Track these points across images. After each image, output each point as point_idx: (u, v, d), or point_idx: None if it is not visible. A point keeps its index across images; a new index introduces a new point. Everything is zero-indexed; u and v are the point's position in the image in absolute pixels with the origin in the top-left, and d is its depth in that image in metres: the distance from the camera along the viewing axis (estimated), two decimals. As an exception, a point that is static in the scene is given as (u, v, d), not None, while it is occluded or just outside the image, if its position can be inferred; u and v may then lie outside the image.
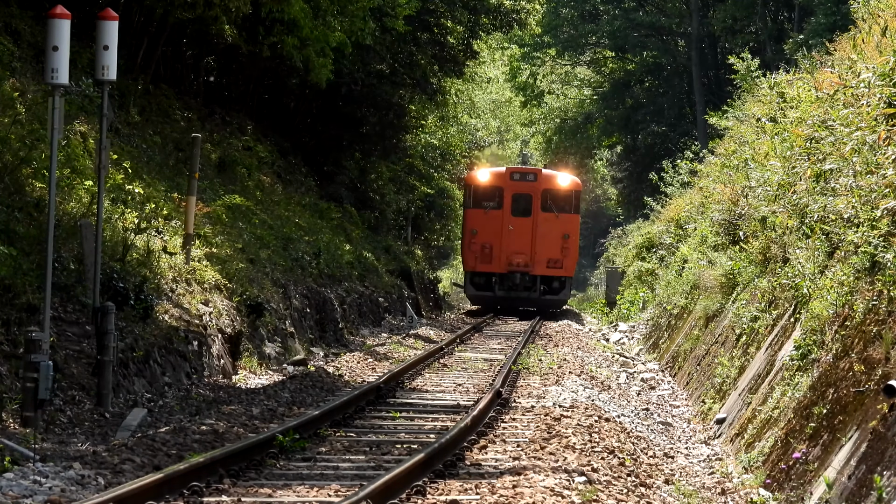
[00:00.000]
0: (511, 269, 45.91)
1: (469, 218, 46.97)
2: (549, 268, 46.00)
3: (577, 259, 46.71)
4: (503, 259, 45.89)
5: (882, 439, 11.21)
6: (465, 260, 47.22)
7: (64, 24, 15.64)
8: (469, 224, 46.83)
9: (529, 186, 46.33)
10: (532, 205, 46.15)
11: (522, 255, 45.81)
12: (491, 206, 46.19)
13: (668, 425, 20.38)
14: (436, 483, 12.49)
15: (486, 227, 45.96)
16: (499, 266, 45.94)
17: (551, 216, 45.95)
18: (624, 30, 73.28)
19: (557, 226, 45.85)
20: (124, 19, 27.30)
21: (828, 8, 53.88)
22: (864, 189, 14.33)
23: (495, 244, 45.96)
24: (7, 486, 11.30)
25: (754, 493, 14.00)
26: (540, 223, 45.87)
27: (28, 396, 15.02)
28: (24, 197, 19.63)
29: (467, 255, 46.68)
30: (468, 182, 47.54)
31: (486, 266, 46.04)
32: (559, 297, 46.82)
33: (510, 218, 46.04)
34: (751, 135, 28.38)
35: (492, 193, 46.38)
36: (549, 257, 45.85)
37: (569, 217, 46.32)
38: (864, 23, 18.73)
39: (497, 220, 45.98)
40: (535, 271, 45.94)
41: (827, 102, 17.54)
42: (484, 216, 46.12)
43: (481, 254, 46.02)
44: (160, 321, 20.59)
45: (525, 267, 45.90)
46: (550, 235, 45.77)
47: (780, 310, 19.29)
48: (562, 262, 45.98)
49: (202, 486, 11.67)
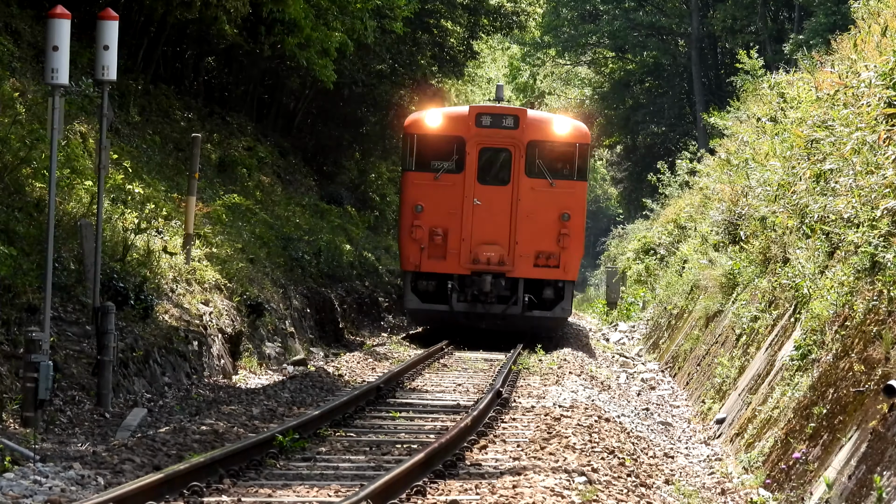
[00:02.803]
0: (477, 268, 30.02)
1: (410, 187, 30.45)
2: (537, 266, 30.17)
3: (581, 253, 30.90)
4: (464, 253, 30.04)
5: (882, 439, 11.21)
6: (403, 254, 30.54)
7: (64, 24, 15.64)
8: (410, 196, 30.40)
9: (507, 137, 30.31)
10: (511, 166, 30.33)
11: (495, 248, 30.09)
12: (445, 169, 30.23)
13: (668, 425, 20.38)
14: (436, 483, 12.49)
15: (438, 202, 30.13)
16: (457, 264, 30.06)
17: (542, 185, 30.22)
18: (624, 30, 73.24)
19: (552, 200, 30.22)
20: (124, 19, 27.29)
21: (828, 8, 53.88)
22: (864, 189, 14.33)
23: (452, 229, 30.08)
24: (7, 486, 11.30)
25: (754, 493, 14.00)
26: (524, 195, 30.22)
27: (28, 396, 15.02)
28: (24, 197, 19.63)
29: (407, 245, 30.26)
30: (409, 131, 30.75)
31: (438, 264, 30.11)
32: (554, 313, 30.55)
33: (476, 187, 30.19)
34: (751, 135, 28.38)
35: (447, 148, 30.38)
36: (539, 249, 30.12)
37: (570, 186, 30.45)
38: (864, 23, 18.74)
39: (455, 190, 30.15)
40: (515, 272, 30.10)
41: (827, 102, 17.55)
42: (433, 185, 30.22)
43: (430, 245, 30.06)
44: (160, 321, 20.59)
45: (500, 265, 30.05)
46: (541, 215, 30.17)
47: (780, 310, 19.29)
48: (558, 258, 30.16)
49: (202, 486, 11.67)
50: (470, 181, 30.27)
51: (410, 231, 30.17)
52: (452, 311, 30.25)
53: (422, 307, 30.67)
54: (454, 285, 30.12)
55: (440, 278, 30.42)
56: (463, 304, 30.21)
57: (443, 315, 30.59)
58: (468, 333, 30.75)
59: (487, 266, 30.12)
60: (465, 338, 30.45)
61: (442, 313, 30.52)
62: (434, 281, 30.39)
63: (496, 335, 30.95)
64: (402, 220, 30.89)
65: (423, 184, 30.28)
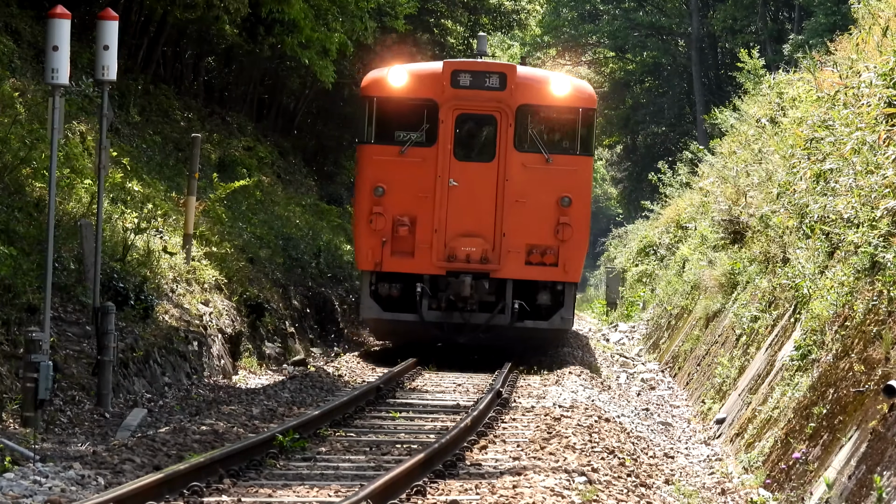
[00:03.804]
0: (454, 267, 24.65)
1: (368, 164, 25.16)
2: (530, 264, 24.83)
3: (585, 247, 25.58)
4: (438, 248, 24.68)
5: (882, 439, 11.21)
6: (359, 249, 25.15)
7: (64, 24, 15.65)
8: (368, 176, 25.03)
9: (492, 100, 24.87)
10: (497, 138, 24.91)
11: (477, 241, 24.73)
12: (413, 141, 24.91)
13: (668, 425, 20.39)
14: (436, 483, 12.49)
15: (404, 184, 24.80)
16: (429, 262, 24.70)
17: (536, 161, 24.88)
18: (624, 30, 73.27)
19: (549, 180, 24.90)
20: (124, 19, 27.34)
21: (828, 8, 53.90)
22: (865, 189, 14.33)
23: (422, 217, 24.73)
24: (7, 486, 11.30)
25: (754, 493, 14.00)
26: (513, 175, 24.83)
27: (28, 396, 15.03)
28: (24, 197, 19.64)
29: (364, 239, 24.89)
30: (367, 93, 25.32)
31: (404, 262, 24.76)
32: (551, 323, 25.12)
33: (452, 164, 24.83)
34: (751, 135, 28.39)
35: (415, 114, 25.07)
36: (532, 243, 24.82)
37: (571, 162, 25.11)
38: (864, 23, 18.75)
39: (425, 168, 24.78)
40: (502, 272, 24.74)
41: (827, 103, 17.55)
42: (398, 162, 24.85)
43: (393, 237, 24.75)
44: (160, 321, 20.60)
45: (482, 263, 24.69)
46: (534, 199, 24.82)
47: (780, 310, 19.30)
48: (556, 254, 24.86)
49: (202, 486, 11.67)
50: (444, 157, 24.74)
51: (369, 220, 24.64)
52: (423, 321, 24.61)
53: (383, 317, 24.93)
54: (424, 289, 24.59)
55: (407, 280, 24.87)
56: (436, 313, 24.67)
57: (410, 327, 24.86)
58: (443, 349, 25.46)
59: (467, 264, 24.67)
60: (439, 355, 25.20)
61: (409, 325, 24.82)
62: (399, 283, 24.90)
63: (479, 352, 25.70)
64: (357, 207, 25.26)
65: (385, 160, 24.80)
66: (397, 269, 24.75)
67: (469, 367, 24.57)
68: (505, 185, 24.78)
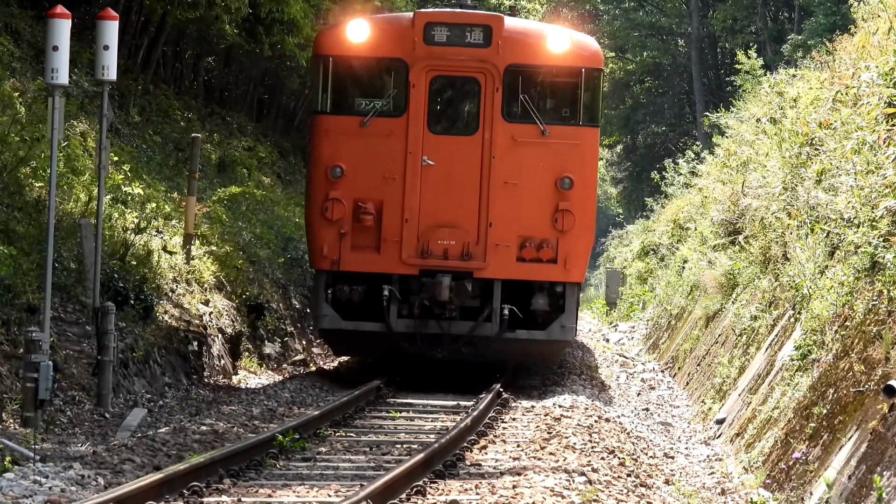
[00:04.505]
0: (429, 264, 20.63)
1: (323, 139, 21.02)
2: (523, 261, 20.73)
3: (591, 240, 21.39)
4: (409, 241, 20.68)
5: (882, 439, 11.21)
6: (312, 243, 21.17)
7: (64, 24, 15.66)
8: (323, 154, 20.98)
9: (474, 59, 20.73)
10: (481, 105, 20.82)
11: (457, 233, 20.68)
12: (378, 111, 20.89)
13: (668, 425, 20.38)
14: (436, 483, 12.49)
15: (367, 162, 20.78)
16: (397, 259, 20.65)
17: (529, 133, 20.79)
18: (624, 30, 73.29)
19: (545, 157, 20.83)
20: (124, 19, 27.35)
21: (828, 8, 53.91)
22: (865, 189, 14.34)
23: (389, 204, 20.72)
24: (7, 486, 11.30)
25: (754, 493, 14.00)
26: (501, 151, 20.78)
27: (28, 396, 15.04)
28: (23, 197, 19.65)
29: (319, 231, 20.86)
30: (322, 51, 21.15)
31: (367, 259, 20.70)
32: (550, 333, 20.86)
33: (426, 138, 20.77)
34: (751, 135, 28.39)
35: (380, 77, 21.44)
36: (525, 235, 20.75)
37: (572, 135, 20.93)
38: (864, 23, 18.76)
39: (393, 143, 20.76)
40: (488, 270, 20.65)
41: (826, 104, 17.56)
42: (360, 136, 20.80)
43: (354, 229, 20.70)
44: (160, 321, 20.60)
45: (464, 260, 20.63)
46: (527, 180, 20.79)
47: (780, 310, 19.29)
48: (555, 248, 20.72)
49: (202, 486, 11.67)
50: (416, 129, 20.60)
51: (323, 208, 20.53)
52: (391, 332, 20.42)
53: (342, 327, 20.62)
54: (393, 292, 20.43)
55: (371, 281, 20.70)
56: (407, 322, 20.52)
57: (376, 339, 20.66)
58: (418, 366, 21.63)
59: (444, 261, 20.50)
60: (413, 373, 21.54)
61: (375, 337, 20.62)
62: (361, 286, 20.72)
63: (461, 368, 21.78)
64: (310, 192, 21.16)
65: (344, 134, 20.71)
66: (359, 267, 20.65)
67: (451, 388, 20.69)
68: (491, 163, 20.66)
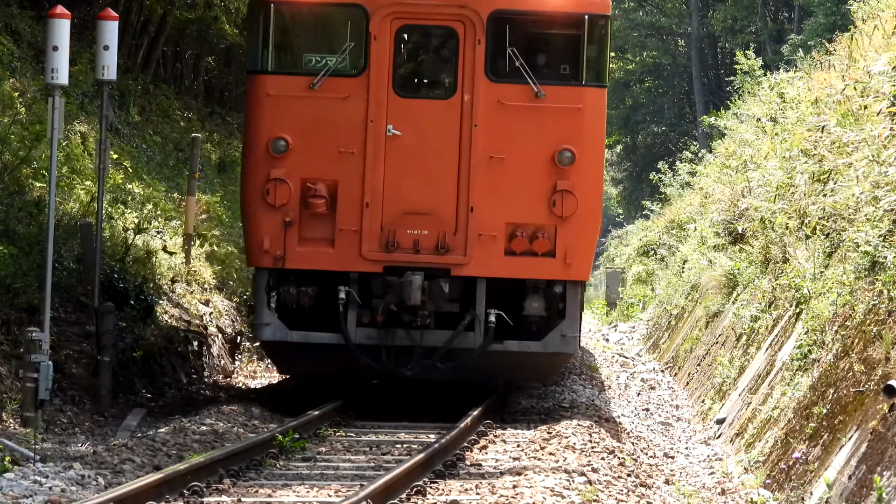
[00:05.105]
0: (396, 260, 17.00)
1: (263, 105, 17.21)
2: (513, 255, 17.06)
3: (597, 229, 17.59)
4: (370, 231, 17.05)
5: (882, 439, 11.21)
6: (249, 235, 17.32)
7: (64, 24, 15.67)
8: (263, 123, 17.20)
9: (450, 4, 17.06)
10: (460, 61, 17.05)
11: (430, 220, 17.06)
12: (332, 69, 17.12)
13: (668, 425, 20.38)
14: (436, 483, 12.48)
15: (318, 133, 17.09)
16: (356, 254, 16.97)
17: (519, 95, 17.10)
18: (624, 30, 73.28)
19: (539, 125, 17.12)
20: (124, 19, 27.33)
21: (828, 8, 53.90)
22: (864, 189, 14.34)
23: (346, 185, 17.02)
24: (7, 487, 11.30)
25: (754, 493, 14.00)
26: (485, 117, 17.06)
27: (28, 396, 15.04)
28: (24, 197, 19.64)
29: (258, 218, 17.12)
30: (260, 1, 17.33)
31: (319, 253, 17.02)
32: (546, 344, 17.22)
33: (391, 102, 17.06)
34: (751, 135, 28.39)
35: (333, 27, 17.86)
36: (516, 221, 17.12)
37: (574, 97, 17.23)
38: (863, 23, 18.76)
39: (351, 109, 17.05)
40: (470, 266, 17.02)
41: (827, 104, 17.56)
42: (309, 100, 17.08)
43: (303, 216, 17.04)
44: (160, 321, 20.60)
45: (439, 254, 16.99)
46: (518, 154, 17.09)
47: (780, 310, 19.29)
48: (552, 238, 17.04)
49: (202, 486, 11.67)
50: (379, 92, 16.75)
51: (264, 191, 16.72)
52: (349, 345, 16.67)
53: (289, 338, 16.91)
54: (351, 294, 16.69)
55: (324, 281, 16.92)
56: (369, 332, 16.79)
57: (330, 354, 16.91)
58: (384, 386, 18.29)
59: (415, 256, 16.74)
60: (377, 395, 18.31)
61: (329, 351, 16.89)
62: (311, 287, 16.93)
63: (436, 388, 18.18)
64: (247, 171, 17.21)
65: (289, 98, 16.87)
66: (309, 264, 16.83)
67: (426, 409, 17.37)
68: (472, 133, 16.76)
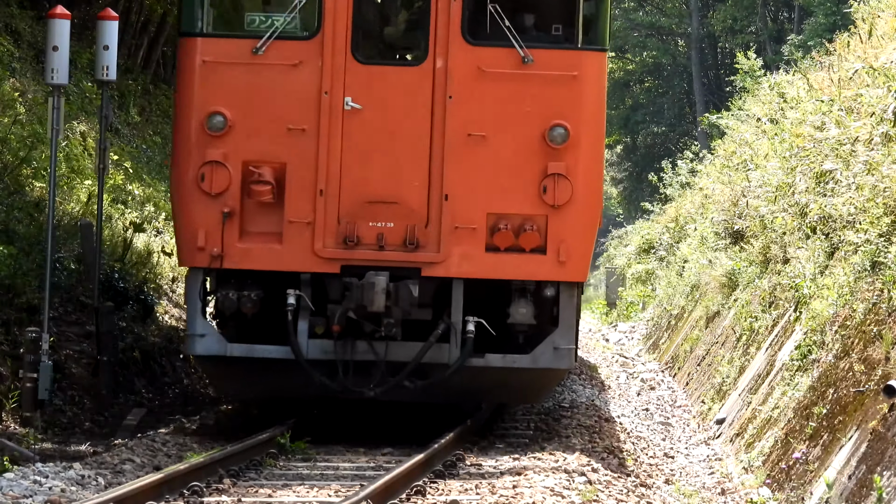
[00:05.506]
0: (356, 258, 14.10)
1: (197, 73, 14.30)
2: (495, 250, 14.14)
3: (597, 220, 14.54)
4: (325, 224, 14.13)
5: (882, 439, 11.21)
6: (182, 230, 14.40)
7: (64, 24, 15.68)
8: (197, 96, 14.28)
9: None
10: (431, 20, 14.10)
11: (396, 211, 14.19)
12: (279, 31, 14.18)
13: (668, 425, 20.39)
14: (436, 483, 12.48)
15: (263, 107, 14.19)
16: (308, 250, 14.12)
17: (503, 61, 14.12)
18: (624, 30, 73.30)
19: (528, 95, 14.15)
20: (124, 19, 27.33)
21: (827, 8, 53.92)
22: (865, 188, 14.35)
23: (296, 168, 14.10)
24: (7, 486, 11.30)
25: (754, 493, 14.00)
26: (462, 87, 14.14)
27: (28, 396, 15.04)
28: (24, 197, 19.65)
29: (190, 209, 14.27)
30: None
31: (264, 250, 14.19)
32: (535, 358, 14.36)
33: (350, 70, 14.13)
34: (751, 135, 28.39)
35: None
36: (498, 212, 14.19)
37: (568, 63, 14.22)
38: (863, 23, 18.76)
39: (301, 78, 14.13)
40: (444, 265, 14.13)
41: (827, 104, 17.56)
42: (251, 69, 14.18)
43: (244, 206, 14.17)
44: (160, 321, 20.59)
45: (408, 250, 14.13)
46: (502, 131, 14.16)
47: (780, 310, 19.29)
48: (543, 230, 14.13)
49: (202, 486, 11.67)
50: (336, 57, 14.12)
51: (199, 176, 14.17)
52: (299, 359, 14.10)
53: (228, 352, 14.40)
54: (303, 299, 14.14)
55: (270, 284, 14.47)
56: (324, 344, 14.27)
57: (278, 371, 14.40)
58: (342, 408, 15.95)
59: (379, 253, 14.14)
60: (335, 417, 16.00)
61: (276, 367, 14.37)
62: (255, 290, 14.42)
63: (403, 410, 15.80)
64: (178, 152, 14.51)
65: (229, 65, 14.26)
66: (253, 264, 14.26)
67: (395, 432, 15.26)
68: (447, 106, 14.13)
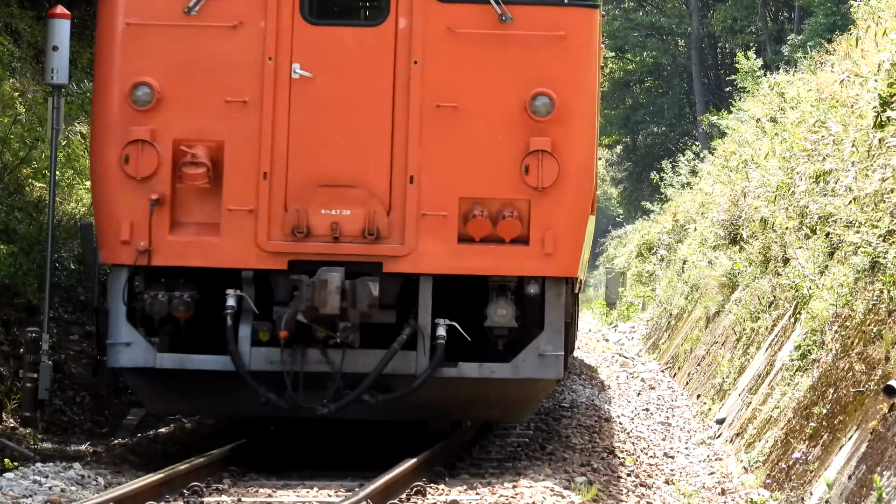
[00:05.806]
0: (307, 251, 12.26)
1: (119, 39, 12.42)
2: (469, 241, 12.22)
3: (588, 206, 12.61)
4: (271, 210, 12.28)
5: (882, 439, 11.22)
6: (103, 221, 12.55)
7: (64, 24, 15.68)
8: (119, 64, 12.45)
9: None
10: None
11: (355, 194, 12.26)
12: None
13: (668, 425, 20.39)
14: (436, 483, 12.48)
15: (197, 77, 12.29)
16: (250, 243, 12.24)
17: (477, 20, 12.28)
18: (624, 30, 73.30)
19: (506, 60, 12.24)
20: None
21: (828, 8, 53.91)
22: (865, 188, 14.34)
23: (235, 146, 12.25)
24: (7, 486, 11.30)
25: (754, 493, 14.00)
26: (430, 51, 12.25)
27: (28, 396, 15.04)
28: (24, 197, 19.65)
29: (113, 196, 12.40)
30: None
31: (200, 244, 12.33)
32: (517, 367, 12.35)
33: (298, 32, 12.30)
34: (751, 135, 28.40)
35: None
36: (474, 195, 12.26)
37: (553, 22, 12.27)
38: (863, 23, 18.75)
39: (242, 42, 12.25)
40: (410, 259, 12.24)
41: (827, 104, 17.56)
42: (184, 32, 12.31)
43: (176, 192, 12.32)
44: (160, 321, 20.56)
45: (368, 241, 12.25)
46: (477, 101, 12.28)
47: (780, 310, 19.29)
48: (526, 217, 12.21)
49: (202, 486, 11.67)
50: (281, 17, 12.46)
51: (122, 158, 12.46)
52: (240, 371, 12.39)
53: (157, 364, 12.77)
54: (244, 301, 12.49)
55: (206, 282, 12.78)
56: (270, 353, 12.55)
57: (216, 384, 12.69)
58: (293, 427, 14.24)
59: (333, 246, 12.43)
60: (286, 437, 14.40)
61: (214, 380, 12.66)
62: (189, 291, 12.72)
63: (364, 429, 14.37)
64: (98, 130, 12.78)
65: (157, 27, 12.56)
66: (186, 260, 12.58)
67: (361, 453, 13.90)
68: (412, 73, 12.41)
